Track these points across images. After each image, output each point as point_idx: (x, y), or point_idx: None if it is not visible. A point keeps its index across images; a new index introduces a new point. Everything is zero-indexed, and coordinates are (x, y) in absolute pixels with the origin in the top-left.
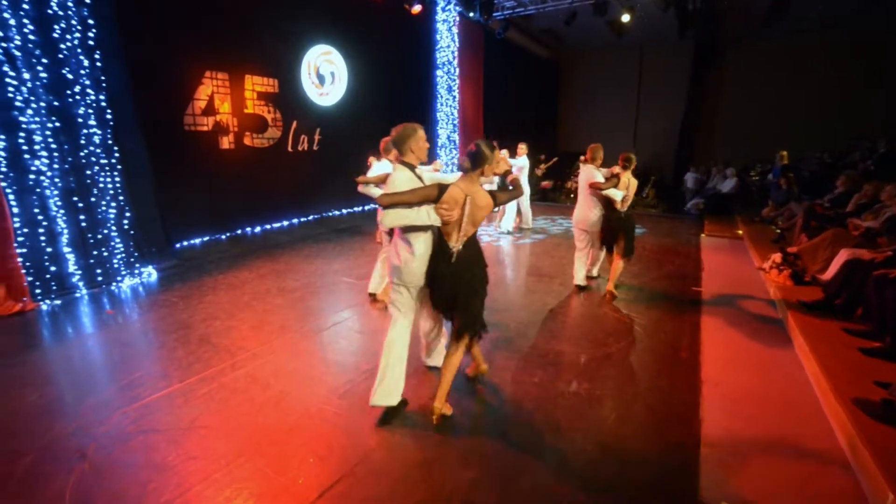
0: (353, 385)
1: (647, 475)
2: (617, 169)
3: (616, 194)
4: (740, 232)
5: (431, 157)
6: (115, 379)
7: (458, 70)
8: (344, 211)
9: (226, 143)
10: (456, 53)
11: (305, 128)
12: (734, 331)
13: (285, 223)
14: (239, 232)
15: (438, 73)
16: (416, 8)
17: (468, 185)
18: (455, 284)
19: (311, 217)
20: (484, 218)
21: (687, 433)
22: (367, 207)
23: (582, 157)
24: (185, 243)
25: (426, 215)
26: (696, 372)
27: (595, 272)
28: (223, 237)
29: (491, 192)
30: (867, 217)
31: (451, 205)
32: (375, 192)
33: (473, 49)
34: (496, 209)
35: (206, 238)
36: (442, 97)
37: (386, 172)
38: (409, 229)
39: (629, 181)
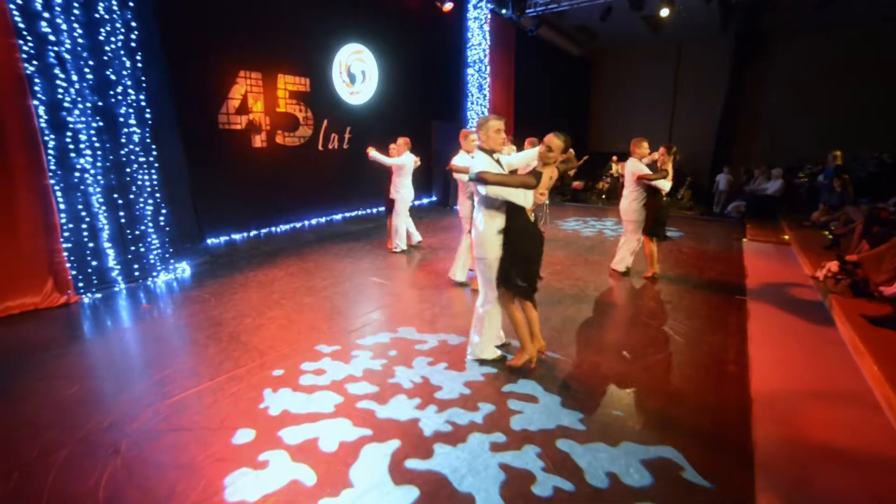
0: (382, 391)
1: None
2: (657, 155)
3: (664, 185)
4: (786, 237)
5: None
6: (148, 374)
7: (488, 68)
8: (373, 210)
9: (258, 141)
10: (487, 51)
11: (336, 126)
12: (786, 345)
13: (314, 221)
14: (269, 229)
15: (469, 71)
16: (448, 5)
17: (552, 172)
18: (539, 253)
19: (340, 216)
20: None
21: (738, 461)
22: None
23: (614, 157)
24: (217, 240)
25: (523, 197)
26: (746, 389)
27: (623, 268)
28: (254, 234)
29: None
30: None
31: (545, 189)
32: (463, 177)
33: (505, 47)
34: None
35: (237, 235)
36: (472, 95)
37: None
38: (490, 210)
39: (670, 170)
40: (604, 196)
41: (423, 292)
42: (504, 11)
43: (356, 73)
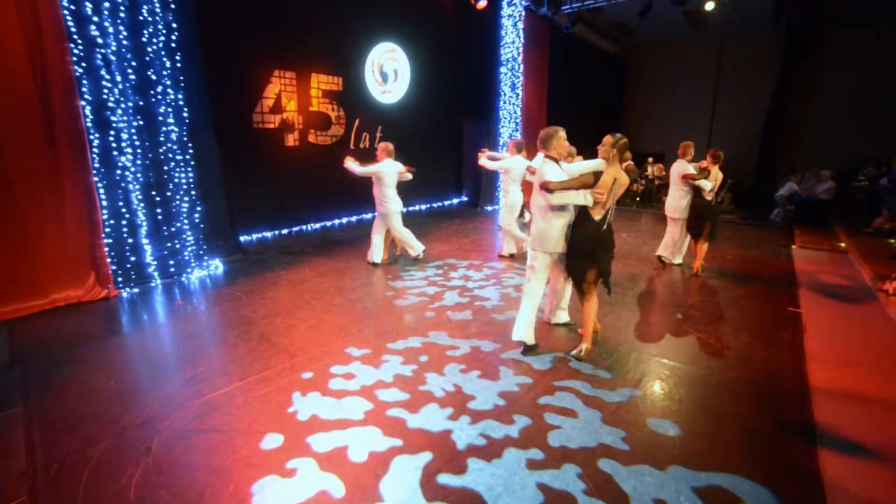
0: (413, 399)
1: None
2: (704, 163)
3: (706, 185)
4: (843, 244)
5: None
6: (181, 371)
7: (522, 67)
8: (404, 209)
9: (291, 140)
10: (520, 49)
11: (367, 125)
12: (851, 364)
13: (345, 220)
14: (300, 228)
15: (502, 69)
16: (482, 3)
17: (614, 171)
18: (599, 246)
19: (371, 215)
20: (620, 194)
21: (804, 495)
22: (423, 207)
23: (650, 159)
24: (250, 237)
25: (584, 197)
26: (808, 413)
27: (679, 259)
28: (285, 232)
29: (626, 172)
30: None
31: (603, 189)
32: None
33: (538, 45)
34: None
35: (268, 233)
36: (505, 94)
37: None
38: (556, 208)
39: (717, 174)
40: (637, 199)
41: (452, 295)
42: (540, 9)
43: (388, 72)
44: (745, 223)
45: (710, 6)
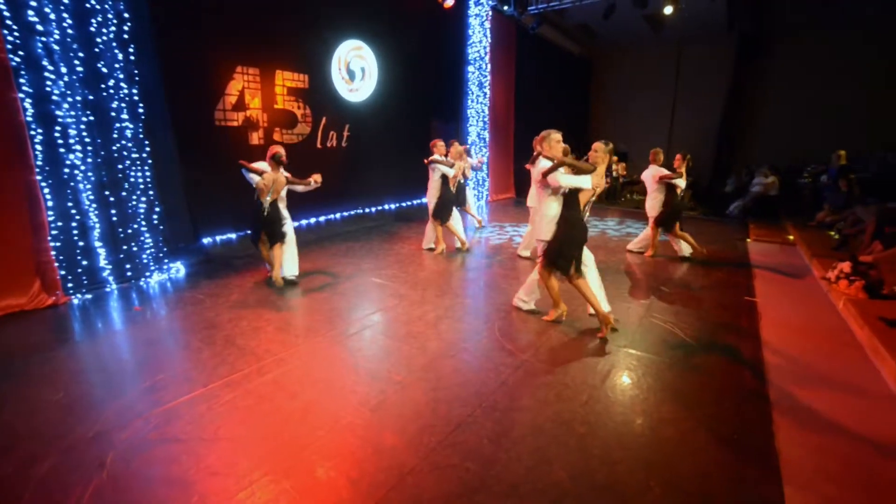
0: (385, 397)
1: None
2: (676, 164)
3: (681, 182)
4: (791, 237)
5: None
6: (139, 380)
7: (489, 66)
8: (372, 209)
9: (255, 138)
10: (488, 49)
11: (334, 124)
12: (802, 348)
13: (312, 221)
14: None
15: (470, 69)
16: (449, 2)
17: (599, 174)
18: (584, 239)
19: (338, 215)
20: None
21: (764, 474)
22: (392, 206)
23: (614, 158)
24: (213, 239)
25: (588, 181)
26: (765, 396)
27: (651, 252)
28: (250, 233)
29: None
30: None
31: (598, 179)
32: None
33: (506, 45)
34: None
35: (232, 234)
36: (473, 93)
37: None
38: (551, 203)
39: (684, 173)
40: (605, 196)
41: (426, 294)
42: (506, 8)
43: (356, 69)
44: (706, 219)
45: (668, 10)
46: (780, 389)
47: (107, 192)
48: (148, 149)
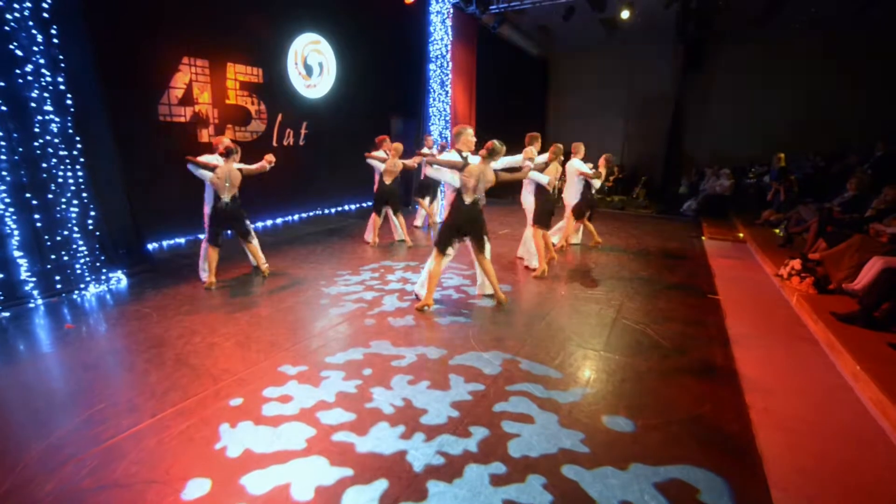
0: (360, 419)
1: None
2: (600, 164)
3: (597, 183)
4: (741, 235)
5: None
6: (72, 413)
7: (450, 64)
8: (333, 210)
9: (205, 136)
10: (449, 47)
11: (291, 121)
12: (767, 345)
13: (269, 223)
14: None
15: (431, 66)
16: None
17: (482, 167)
18: (466, 222)
19: (297, 217)
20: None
21: (748, 472)
22: (353, 207)
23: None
24: (160, 244)
25: (451, 177)
26: (740, 394)
27: (576, 240)
28: (200, 238)
29: (495, 171)
30: (892, 222)
31: (468, 175)
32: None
33: (467, 43)
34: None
35: (182, 239)
36: (434, 91)
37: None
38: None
39: (604, 170)
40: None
41: (391, 299)
42: (468, 7)
43: (313, 64)
44: (661, 217)
45: (625, 14)
46: (752, 386)
47: (27, 195)
48: (80, 146)
